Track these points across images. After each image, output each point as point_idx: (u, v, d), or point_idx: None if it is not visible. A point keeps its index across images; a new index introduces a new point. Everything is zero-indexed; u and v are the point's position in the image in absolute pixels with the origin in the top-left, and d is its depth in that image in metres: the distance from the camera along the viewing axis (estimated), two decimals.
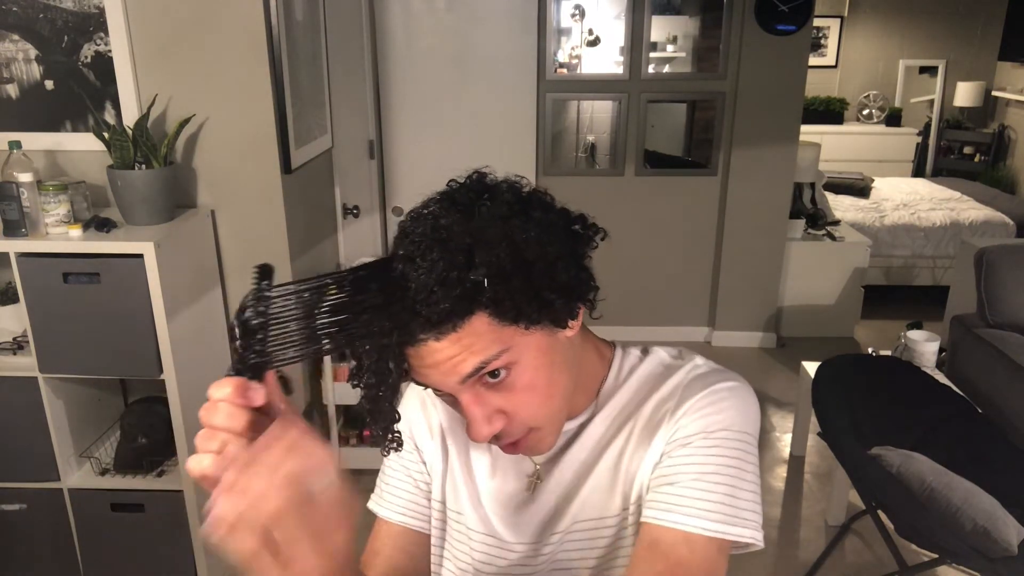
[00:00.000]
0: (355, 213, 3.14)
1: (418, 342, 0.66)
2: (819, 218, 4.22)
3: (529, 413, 0.72)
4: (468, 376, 0.67)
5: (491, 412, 0.70)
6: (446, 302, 0.64)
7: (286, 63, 2.24)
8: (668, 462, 0.74)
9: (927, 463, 1.92)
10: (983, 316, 2.81)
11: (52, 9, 2.08)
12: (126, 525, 2.14)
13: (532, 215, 0.69)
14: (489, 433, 0.71)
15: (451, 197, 0.70)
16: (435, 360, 0.67)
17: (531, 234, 0.67)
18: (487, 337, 0.67)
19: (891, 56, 6.37)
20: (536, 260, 0.67)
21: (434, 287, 0.63)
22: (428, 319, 0.64)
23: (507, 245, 0.66)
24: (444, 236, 0.65)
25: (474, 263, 0.64)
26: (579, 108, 4.19)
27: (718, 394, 0.76)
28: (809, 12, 3.48)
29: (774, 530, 2.60)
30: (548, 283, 0.68)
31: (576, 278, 0.71)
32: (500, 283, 0.65)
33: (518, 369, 0.69)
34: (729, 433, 0.74)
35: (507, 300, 0.66)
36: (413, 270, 0.64)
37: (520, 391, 0.70)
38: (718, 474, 0.72)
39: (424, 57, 3.47)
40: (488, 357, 0.67)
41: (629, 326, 3.93)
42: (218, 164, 2.23)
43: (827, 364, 2.34)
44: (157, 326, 1.94)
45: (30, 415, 2.02)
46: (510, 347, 0.68)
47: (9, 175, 1.86)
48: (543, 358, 0.71)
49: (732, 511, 0.71)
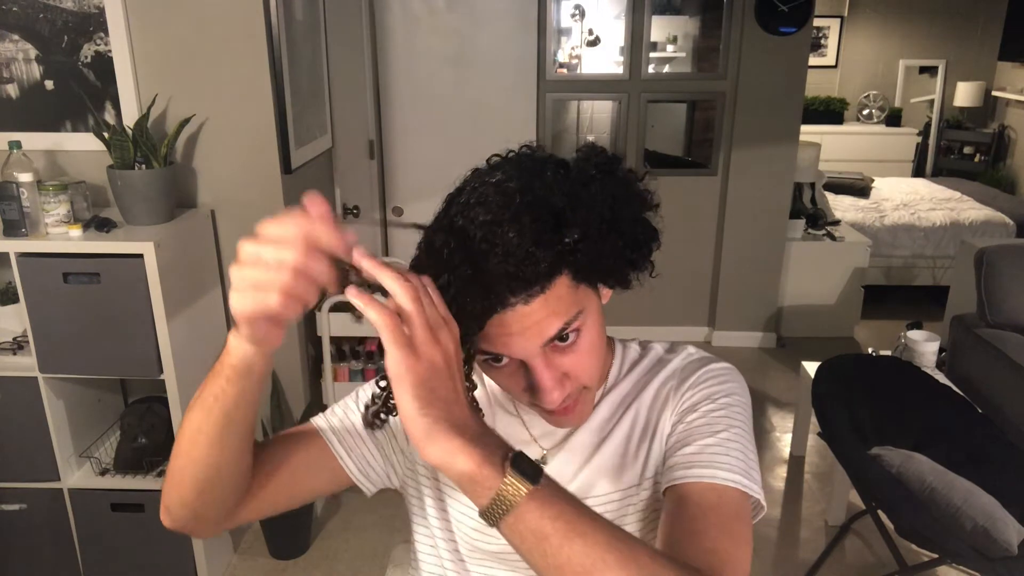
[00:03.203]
0: (355, 213, 3.14)
1: (507, 307, 0.66)
2: (819, 218, 4.22)
3: (589, 373, 0.74)
4: (552, 339, 0.69)
5: (560, 375, 0.72)
6: (544, 262, 0.65)
7: (286, 63, 2.24)
8: (679, 429, 0.78)
9: (927, 463, 1.92)
10: (983, 316, 2.81)
11: (52, 9, 2.08)
12: (126, 525, 2.14)
13: (617, 175, 0.72)
14: (561, 396, 0.72)
15: (517, 164, 0.71)
16: (523, 325, 0.68)
17: (621, 192, 0.70)
18: (568, 299, 0.69)
19: (891, 56, 6.37)
20: (625, 219, 0.70)
21: (530, 247, 0.64)
22: (525, 281, 0.65)
23: (599, 205, 0.68)
24: (531, 199, 0.66)
25: (567, 223, 0.66)
26: (579, 108, 4.19)
27: (715, 371, 0.82)
28: (809, 12, 3.48)
29: (774, 530, 2.59)
30: (632, 242, 0.71)
31: (651, 239, 0.74)
32: (592, 243, 0.67)
33: (585, 331, 0.72)
34: (732, 399, 0.79)
35: (595, 260, 0.68)
36: (502, 235, 0.64)
37: (584, 353, 0.73)
38: (729, 431, 0.75)
39: (424, 57, 3.47)
40: (569, 318, 0.69)
41: (629, 326, 3.93)
42: (218, 164, 2.23)
43: (827, 364, 2.34)
44: (157, 326, 1.94)
45: (30, 415, 2.02)
46: (584, 308, 0.71)
47: (9, 175, 1.86)
48: (600, 320, 0.74)
49: (746, 467, 0.74)
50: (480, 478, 0.57)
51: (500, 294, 0.65)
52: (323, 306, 2.53)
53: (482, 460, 0.57)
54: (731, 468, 0.72)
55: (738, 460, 0.73)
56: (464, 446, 0.57)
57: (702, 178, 3.82)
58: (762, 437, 3.19)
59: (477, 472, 0.57)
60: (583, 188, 0.68)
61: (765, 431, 3.23)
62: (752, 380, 3.68)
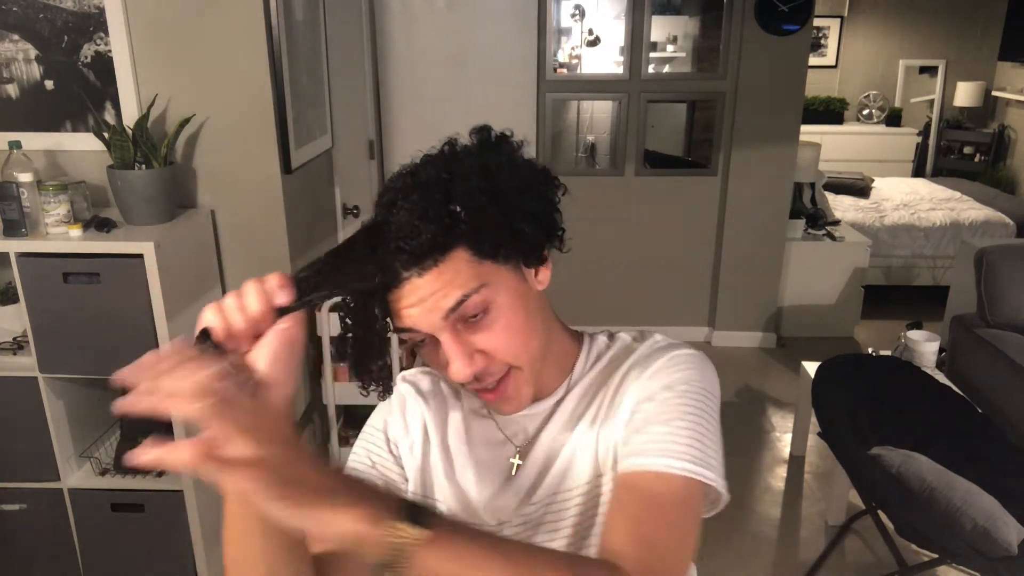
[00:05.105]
0: (355, 213, 3.14)
1: (402, 281, 0.70)
2: (819, 218, 4.22)
3: (509, 351, 0.76)
4: (451, 311, 0.71)
5: (472, 351, 0.74)
6: (427, 233, 0.68)
7: (286, 63, 2.24)
8: (636, 417, 0.78)
9: (927, 463, 1.93)
10: (983, 316, 2.81)
11: (52, 9, 2.08)
12: (126, 525, 2.14)
13: (502, 150, 0.77)
14: (470, 371, 0.74)
15: (426, 156, 0.77)
16: (419, 297, 0.71)
17: (502, 163, 0.74)
18: (466, 272, 0.71)
19: (891, 56, 6.37)
20: (507, 189, 0.73)
21: (415, 221, 0.68)
22: (412, 253, 0.69)
23: (479, 176, 0.72)
24: (423, 179, 0.71)
25: (451, 196, 0.70)
26: (579, 108, 4.19)
27: (677, 358, 0.81)
28: (809, 12, 3.48)
29: (774, 530, 2.59)
30: (520, 213, 0.74)
31: (545, 212, 0.77)
32: (476, 213, 0.70)
33: (496, 308, 0.74)
34: (689, 386, 0.78)
35: (483, 231, 0.71)
36: (395, 212, 0.70)
37: (499, 330, 0.75)
38: (683, 419, 0.75)
39: (424, 57, 3.47)
40: (468, 290, 0.71)
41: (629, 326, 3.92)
42: (218, 164, 2.23)
43: (827, 364, 2.34)
44: (157, 326, 1.94)
45: (30, 415, 2.02)
46: (488, 283, 0.73)
47: (9, 175, 1.86)
48: (518, 300, 0.76)
49: (700, 454, 0.73)
50: (371, 534, 0.55)
51: (393, 268, 0.70)
52: (323, 306, 2.53)
53: (371, 516, 0.55)
54: (679, 456, 0.72)
55: (688, 447, 0.72)
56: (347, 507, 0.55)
57: (702, 178, 3.83)
58: (762, 437, 3.19)
59: (366, 529, 0.55)
60: (459, 162, 0.74)
61: (765, 431, 3.23)
62: (752, 380, 3.68)
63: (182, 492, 2.11)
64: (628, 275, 3.90)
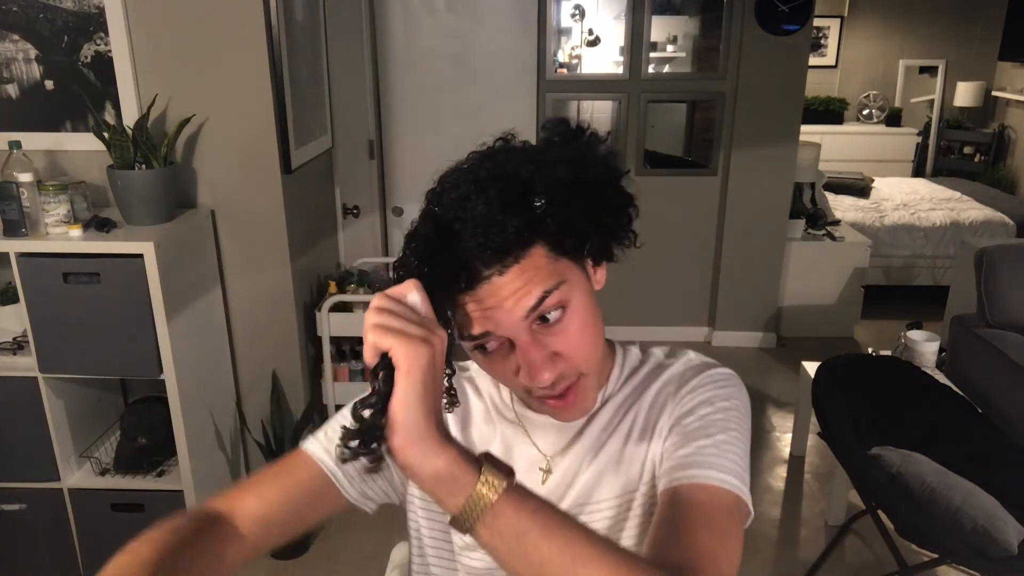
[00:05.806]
0: (355, 213, 3.14)
1: (482, 280, 0.67)
2: (819, 218, 4.22)
3: (583, 356, 0.73)
4: (531, 309, 0.68)
5: (549, 353, 0.71)
6: (512, 228, 0.65)
7: (286, 63, 2.24)
8: (676, 431, 0.77)
9: (927, 463, 1.92)
10: (983, 316, 2.81)
11: (52, 9, 2.08)
12: (126, 525, 2.14)
13: (582, 139, 0.73)
14: (551, 375, 0.71)
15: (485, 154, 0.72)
16: (499, 297, 0.67)
17: (587, 155, 0.71)
18: (545, 269, 0.68)
19: (891, 56, 6.37)
20: (593, 182, 0.70)
21: (497, 216, 0.65)
22: (496, 250, 0.65)
23: (565, 166, 0.68)
24: (496, 173, 0.67)
25: (532, 190, 0.66)
26: (579, 108, 4.19)
27: (715, 377, 0.81)
28: (809, 12, 3.48)
29: (774, 530, 2.59)
30: (604, 206, 0.71)
31: (625, 205, 0.74)
32: (561, 206, 0.67)
33: (572, 309, 0.71)
34: (730, 403, 0.78)
35: (567, 224, 0.68)
36: (470, 209, 0.65)
37: (575, 332, 0.72)
38: (725, 434, 0.75)
39: (424, 57, 3.47)
40: (549, 287, 0.68)
41: (629, 326, 3.93)
42: (218, 164, 2.23)
43: (827, 364, 2.34)
44: (157, 326, 1.94)
45: (30, 415, 2.02)
46: (566, 280, 0.70)
47: (9, 175, 1.86)
48: (589, 299, 0.74)
49: (740, 472, 0.73)
50: (456, 475, 0.57)
51: (473, 267, 0.66)
52: (323, 306, 2.53)
53: (456, 458, 0.57)
54: (725, 469, 0.72)
55: (732, 463, 0.73)
56: (440, 445, 0.58)
57: (702, 178, 3.82)
58: (762, 437, 3.19)
59: (452, 470, 0.57)
60: (543, 154, 0.70)
61: (765, 431, 3.23)
62: (752, 380, 3.68)
63: (182, 492, 2.11)
64: (628, 275, 3.90)
